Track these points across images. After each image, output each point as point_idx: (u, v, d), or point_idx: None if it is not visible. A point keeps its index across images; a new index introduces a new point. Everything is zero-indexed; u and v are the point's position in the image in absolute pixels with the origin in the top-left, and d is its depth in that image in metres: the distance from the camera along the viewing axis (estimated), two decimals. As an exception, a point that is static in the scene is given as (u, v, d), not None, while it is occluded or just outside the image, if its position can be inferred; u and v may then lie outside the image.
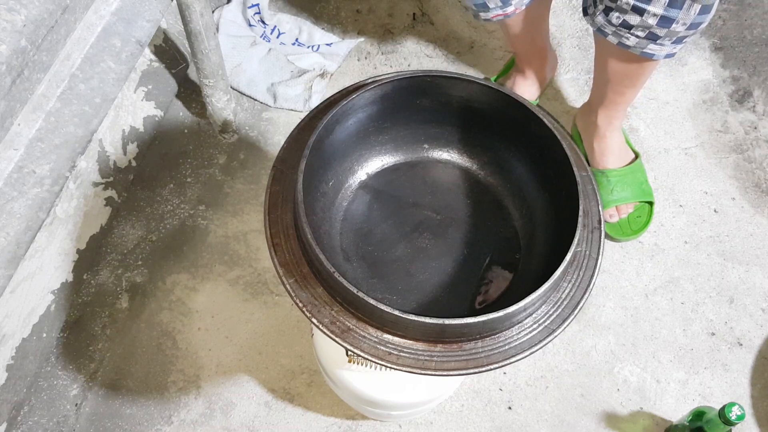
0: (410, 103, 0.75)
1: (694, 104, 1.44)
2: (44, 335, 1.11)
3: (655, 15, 0.91)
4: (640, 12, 0.92)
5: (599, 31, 1.00)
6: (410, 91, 0.73)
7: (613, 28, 0.97)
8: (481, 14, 1.09)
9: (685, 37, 0.95)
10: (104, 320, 1.18)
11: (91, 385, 1.13)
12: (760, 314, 1.22)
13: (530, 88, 1.34)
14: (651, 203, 1.27)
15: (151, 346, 1.17)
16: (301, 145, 0.66)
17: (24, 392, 1.09)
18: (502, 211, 0.77)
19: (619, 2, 0.93)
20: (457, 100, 0.74)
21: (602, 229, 0.68)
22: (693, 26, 0.92)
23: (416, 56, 1.48)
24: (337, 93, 0.76)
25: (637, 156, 1.28)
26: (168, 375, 1.14)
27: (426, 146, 0.80)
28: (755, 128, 1.41)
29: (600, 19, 0.98)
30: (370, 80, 0.72)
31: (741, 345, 1.19)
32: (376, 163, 0.79)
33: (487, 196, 0.78)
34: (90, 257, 1.20)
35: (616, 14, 0.95)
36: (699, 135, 1.40)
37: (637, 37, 0.96)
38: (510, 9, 1.07)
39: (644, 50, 0.98)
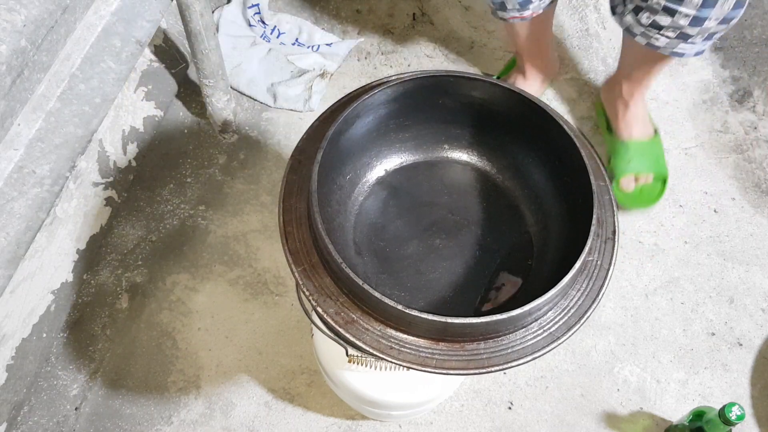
0: (432, 102, 0.75)
1: (694, 104, 1.44)
2: (44, 335, 1.11)
3: (687, 15, 0.89)
4: (671, 13, 0.89)
5: (627, 31, 0.98)
6: (432, 90, 0.73)
7: (642, 29, 0.95)
8: (499, 13, 1.10)
9: (716, 33, 0.93)
10: (104, 320, 1.18)
11: (91, 385, 1.13)
12: (760, 314, 1.22)
13: (530, 89, 1.35)
14: (665, 180, 1.30)
15: (151, 346, 1.16)
16: (321, 136, 0.66)
17: (24, 392, 1.09)
18: (517, 215, 0.77)
19: (649, 2, 0.90)
20: (479, 102, 0.74)
21: (615, 240, 0.68)
22: (725, 21, 0.90)
23: (416, 56, 1.48)
24: (359, 88, 0.76)
25: (656, 131, 1.32)
26: (168, 375, 1.14)
27: (446, 146, 0.80)
28: (755, 128, 1.41)
29: (629, 18, 0.96)
30: (393, 77, 0.71)
31: (741, 345, 1.19)
32: (395, 160, 0.79)
33: (503, 200, 0.78)
34: (90, 257, 1.20)
35: (646, 14, 0.93)
36: (699, 135, 1.40)
37: (667, 37, 0.94)
38: (527, 13, 1.08)
39: (674, 50, 0.96)
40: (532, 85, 1.34)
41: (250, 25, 1.48)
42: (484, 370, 0.60)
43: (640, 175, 1.28)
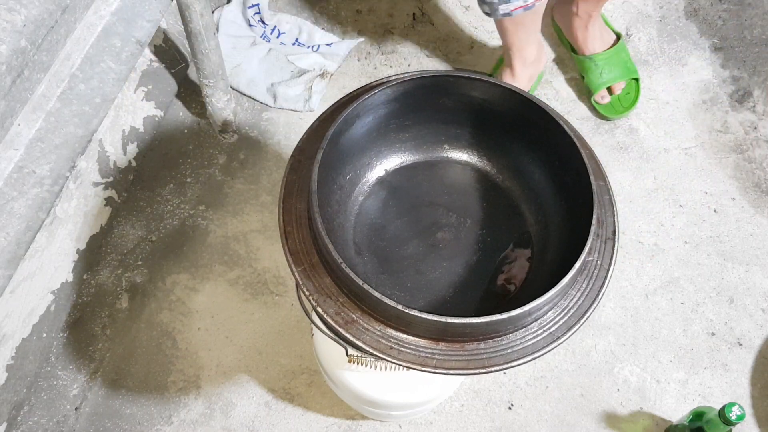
0: (432, 102, 0.75)
1: (694, 104, 1.44)
2: (44, 335, 1.11)
3: None
4: None
5: None
6: (432, 90, 0.73)
7: None
8: (501, 7, 1.08)
9: None
10: (104, 320, 1.18)
11: (91, 385, 1.13)
12: (760, 314, 1.22)
13: (518, 85, 1.34)
14: (637, 79, 1.39)
15: (151, 346, 1.17)
16: (321, 136, 0.66)
17: (24, 392, 1.09)
18: (517, 215, 0.77)
19: None
20: (479, 102, 0.74)
21: (615, 240, 0.68)
22: None
23: (416, 56, 1.48)
24: (359, 88, 0.76)
25: (618, 36, 1.38)
26: (168, 375, 1.14)
27: (446, 146, 0.80)
28: (755, 128, 1.41)
29: None
30: (393, 77, 0.72)
31: (741, 345, 1.19)
32: (395, 160, 0.79)
33: (503, 199, 0.78)
34: (90, 257, 1.21)
35: None
36: (699, 135, 1.40)
37: None
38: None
39: None
40: (520, 81, 1.33)
41: (250, 25, 1.48)
42: (484, 370, 0.60)
43: (614, 84, 1.37)
